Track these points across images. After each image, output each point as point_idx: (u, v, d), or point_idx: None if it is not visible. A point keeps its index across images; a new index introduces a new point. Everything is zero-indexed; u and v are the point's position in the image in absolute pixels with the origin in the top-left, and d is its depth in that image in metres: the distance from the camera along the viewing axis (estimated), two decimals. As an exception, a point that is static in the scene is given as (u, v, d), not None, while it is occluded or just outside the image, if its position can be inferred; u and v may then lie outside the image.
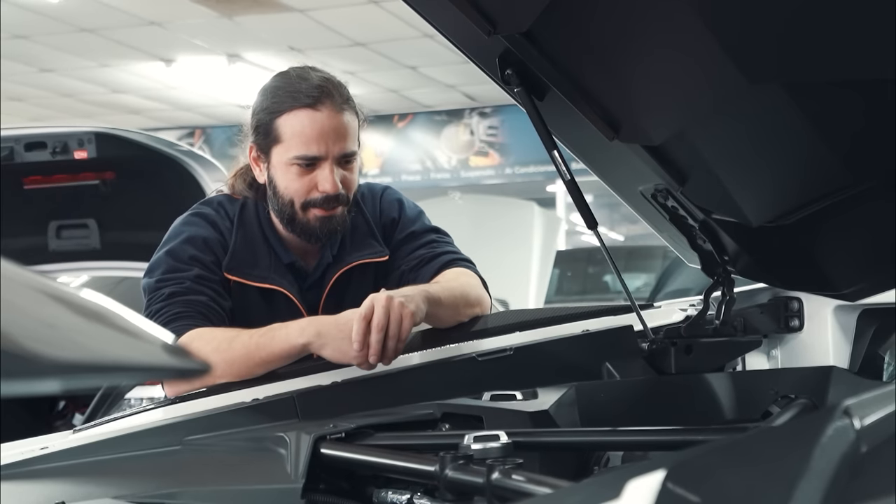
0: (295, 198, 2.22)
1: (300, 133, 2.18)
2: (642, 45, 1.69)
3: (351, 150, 2.22)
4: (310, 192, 2.21)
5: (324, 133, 2.17)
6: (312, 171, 2.20)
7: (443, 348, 2.09)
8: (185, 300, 2.14)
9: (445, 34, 1.93)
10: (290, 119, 2.19)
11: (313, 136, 2.17)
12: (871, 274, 2.13)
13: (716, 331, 2.19)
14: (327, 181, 2.19)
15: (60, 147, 4.05)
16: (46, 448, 1.85)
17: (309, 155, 2.18)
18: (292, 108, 2.19)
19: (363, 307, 1.94)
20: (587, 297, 10.99)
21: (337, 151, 2.19)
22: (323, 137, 2.17)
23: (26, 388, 0.59)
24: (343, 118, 2.20)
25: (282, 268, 2.30)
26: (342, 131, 2.19)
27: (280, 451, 1.66)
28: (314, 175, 2.20)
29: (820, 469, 0.77)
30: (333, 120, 2.18)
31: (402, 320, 1.94)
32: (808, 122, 1.68)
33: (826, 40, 1.52)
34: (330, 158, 2.19)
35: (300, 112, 2.18)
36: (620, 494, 0.81)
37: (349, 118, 2.22)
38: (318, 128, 2.17)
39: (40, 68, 11.70)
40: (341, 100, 2.21)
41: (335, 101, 2.19)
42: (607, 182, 2.19)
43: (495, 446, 1.39)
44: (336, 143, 2.19)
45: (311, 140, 2.17)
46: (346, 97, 2.22)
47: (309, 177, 2.20)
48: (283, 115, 2.20)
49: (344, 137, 2.20)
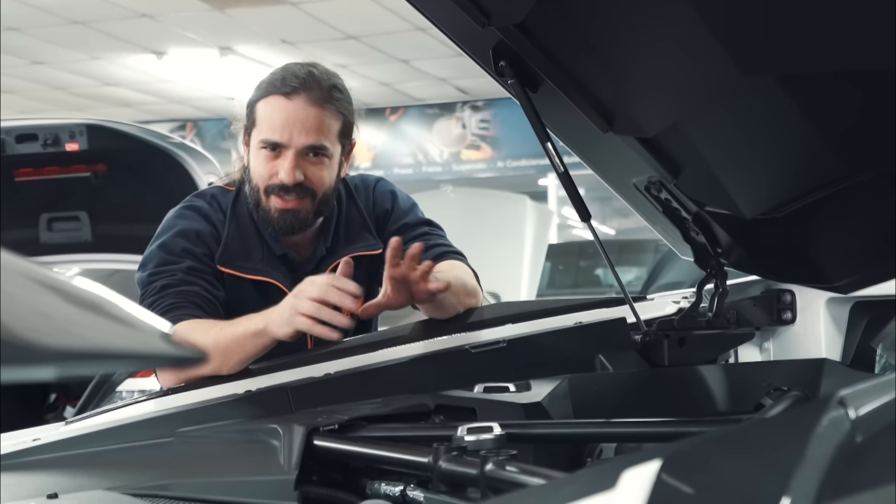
0: (259, 182, 2.25)
1: (269, 118, 2.21)
2: (637, 37, 1.70)
3: (318, 143, 2.21)
4: (271, 177, 2.23)
5: (290, 122, 2.19)
6: (276, 157, 2.22)
7: (436, 340, 2.09)
8: (177, 291, 2.14)
9: (439, 26, 1.93)
10: (264, 104, 2.23)
11: (278, 123, 2.20)
12: (863, 266, 2.13)
13: (708, 323, 2.19)
14: (283, 170, 2.20)
15: (52, 139, 4.04)
16: (39, 440, 1.85)
17: (271, 140, 2.21)
18: (268, 94, 2.22)
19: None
20: (579, 291, 10.98)
21: (301, 142, 2.20)
22: (288, 126, 2.19)
23: (23, 375, 0.59)
24: (317, 112, 2.20)
25: (275, 260, 2.30)
26: (311, 124, 2.20)
27: (273, 443, 1.66)
28: (276, 163, 2.22)
29: (815, 459, 0.77)
30: (304, 111, 2.19)
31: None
32: (802, 114, 1.68)
33: (819, 32, 1.52)
34: (293, 148, 2.20)
35: (273, 98, 2.22)
36: (616, 485, 0.81)
37: (327, 115, 2.22)
38: (285, 115, 2.19)
39: (31, 60, 11.65)
40: (321, 94, 2.21)
41: (312, 93, 2.20)
42: (601, 174, 2.18)
43: (489, 438, 1.39)
44: (301, 133, 2.19)
45: (276, 126, 2.20)
46: (328, 94, 2.22)
47: (273, 163, 2.22)
48: (261, 101, 2.24)
49: (313, 130, 2.20)
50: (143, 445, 1.82)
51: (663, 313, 2.27)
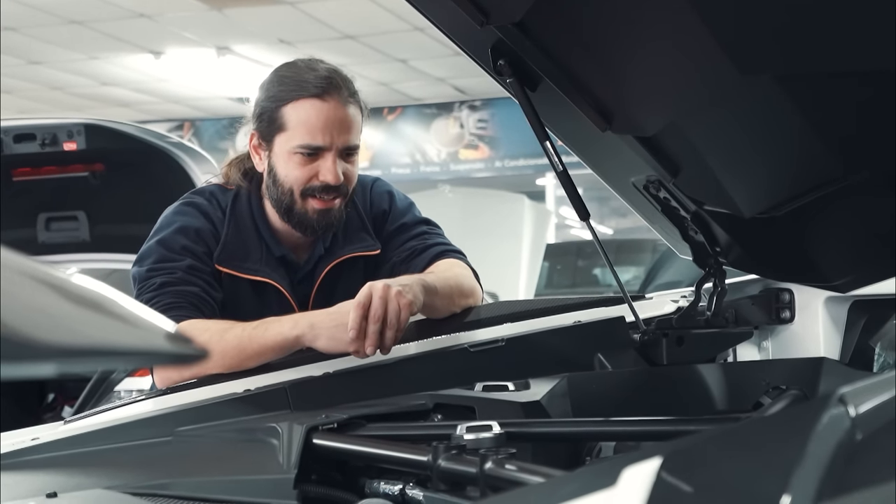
0: (295, 186, 2.22)
1: (305, 122, 2.18)
2: (636, 36, 1.69)
3: (354, 143, 2.23)
4: (310, 180, 2.21)
5: (329, 124, 2.18)
6: (315, 160, 2.20)
7: (435, 339, 2.09)
8: (176, 290, 2.13)
9: (438, 25, 1.93)
10: (296, 108, 2.19)
11: (319, 127, 2.18)
12: (862, 265, 2.13)
13: (707, 322, 2.19)
14: (330, 172, 2.19)
15: (50, 139, 4.04)
16: (38, 439, 1.85)
17: (314, 144, 2.19)
18: (299, 97, 2.19)
19: (360, 296, 1.93)
20: (577, 291, 10.98)
21: (341, 143, 2.20)
22: (328, 128, 2.18)
23: (23, 372, 0.59)
24: (348, 111, 2.21)
25: (273, 261, 2.29)
26: (347, 123, 2.20)
27: (272, 442, 1.65)
28: (316, 165, 2.20)
29: (815, 457, 0.77)
30: (339, 111, 2.19)
31: (399, 310, 1.93)
32: (800, 113, 1.68)
33: (818, 32, 1.52)
34: (333, 149, 2.19)
35: (307, 101, 2.19)
36: (616, 483, 0.81)
37: (354, 112, 2.23)
38: (324, 118, 2.18)
39: (29, 60, 11.65)
40: (348, 93, 2.22)
41: (342, 93, 2.20)
42: (599, 173, 2.18)
43: (488, 436, 1.39)
44: (340, 134, 2.19)
45: (317, 130, 2.18)
46: (352, 90, 2.24)
47: (311, 166, 2.21)
48: (290, 104, 2.20)
49: (348, 130, 2.21)
50: (141, 445, 1.82)
51: (662, 312, 2.27)
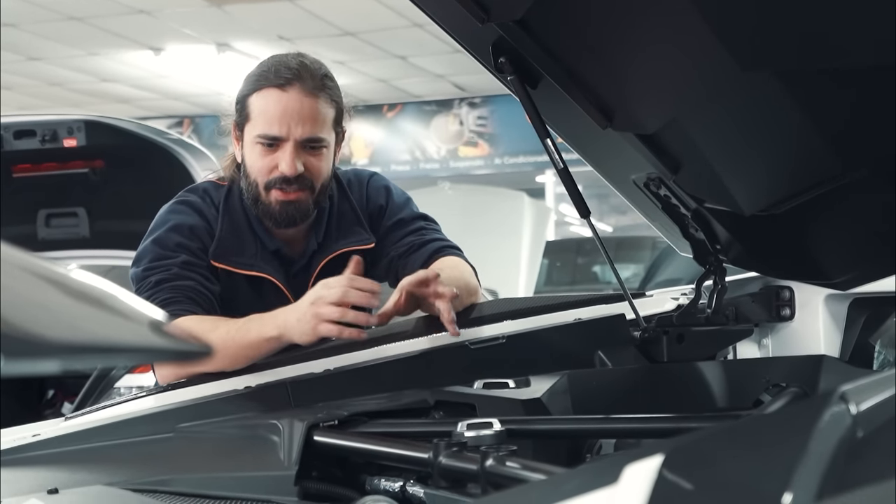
0: (258, 178, 2.23)
1: (264, 111, 2.19)
2: (636, 33, 1.69)
3: (317, 135, 2.21)
4: (271, 171, 2.21)
5: (287, 114, 2.17)
6: (274, 151, 2.20)
7: (435, 336, 2.09)
8: (172, 286, 2.14)
9: (438, 22, 1.92)
10: (258, 98, 2.21)
11: (275, 116, 2.18)
12: (862, 263, 2.13)
13: (707, 319, 2.19)
14: (285, 163, 2.19)
15: (50, 135, 4.04)
16: (39, 435, 1.85)
17: (270, 134, 2.19)
18: (263, 86, 2.20)
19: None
20: (576, 288, 11.00)
21: (300, 134, 2.19)
22: (285, 118, 2.18)
23: (25, 368, 0.59)
24: (312, 102, 2.19)
25: (268, 255, 2.30)
26: (308, 115, 2.19)
27: (273, 439, 1.66)
28: (276, 156, 2.20)
29: (816, 454, 0.77)
30: (300, 102, 2.18)
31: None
32: (801, 111, 1.68)
33: (819, 28, 1.52)
34: (291, 140, 2.18)
35: (267, 91, 2.19)
36: (617, 480, 0.81)
37: (322, 105, 2.21)
38: (282, 108, 2.18)
39: (28, 57, 11.64)
40: (314, 84, 2.20)
41: (306, 84, 2.19)
42: (600, 171, 2.18)
43: (489, 433, 1.39)
44: (299, 125, 2.18)
45: (273, 119, 2.18)
46: (320, 83, 2.21)
47: (271, 157, 2.21)
48: (254, 94, 2.21)
49: (310, 121, 2.19)
50: (142, 441, 1.82)
51: (662, 310, 2.27)
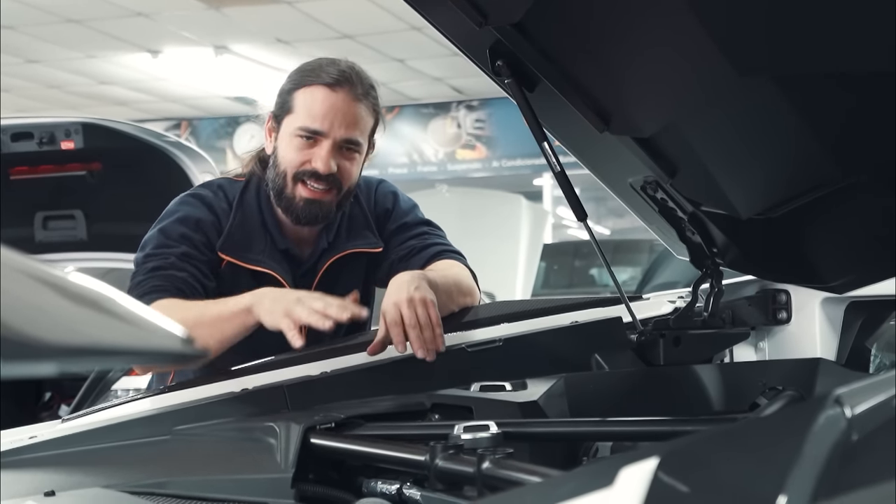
0: (289, 168, 2.27)
1: (310, 106, 2.24)
2: (634, 37, 1.70)
3: (354, 137, 2.26)
4: (303, 164, 2.26)
5: (331, 112, 2.23)
6: (312, 146, 2.25)
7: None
8: (165, 275, 2.17)
9: (436, 25, 1.93)
10: (304, 92, 2.26)
11: (320, 112, 2.23)
12: (858, 266, 2.14)
13: (704, 323, 2.20)
14: (321, 159, 2.24)
15: (47, 137, 4.04)
16: (35, 437, 1.85)
17: (311, 128, 2.24)
18: (312, 83, 2.26)
19: (390, 316, 1.95)
20: (573, 291, 10.99)
21: (340, 134, 2.24)
22: (329, 116, 2.23)
23: (22, 371, 0.59)
24: (357, 106, 2.26)
25: (277, 253, 2.33)
26: (350, 117, 2.24)
27: (270, 441, 1.66)
28: (312, 151, 2.25)
29: (812, 457, 0.77)
30: (345, 104, 2.24)
31: (427, 310, 1.96)
32: (798, 115, 1.68)
33: (816, 33, 1.52)
34: (331, 138, 2.24)
35: (316, 88, 2.25)
36: (613, 482, 0.81)
37: (364, 111, 2.27)
38: (328, 105, 2.23)
39: (26, 59, 11.64)
40: (361, 90, 2.26)
41: (354, 88, 2.25)
42: (597, 174, 2.19)
43: (485, 436, 1.39)
44: (341, 125, 2.23)
45: (318, 115, 2.23)
46: (366, 90, 2.28)
47: (307, 151, 2.25)
48: (302, 89, 2.26)
49: (351, 124, 2.25)
50: (139, 443, 1.82)
51: (659, 313, 2.27)
